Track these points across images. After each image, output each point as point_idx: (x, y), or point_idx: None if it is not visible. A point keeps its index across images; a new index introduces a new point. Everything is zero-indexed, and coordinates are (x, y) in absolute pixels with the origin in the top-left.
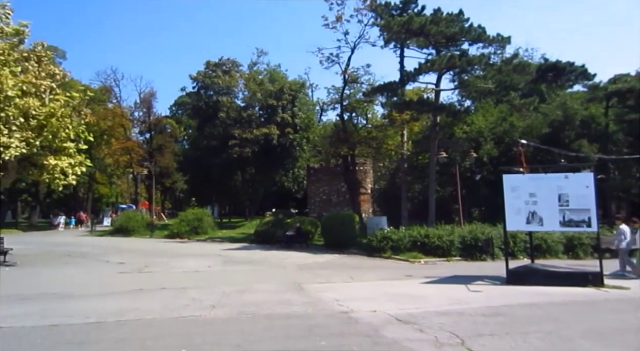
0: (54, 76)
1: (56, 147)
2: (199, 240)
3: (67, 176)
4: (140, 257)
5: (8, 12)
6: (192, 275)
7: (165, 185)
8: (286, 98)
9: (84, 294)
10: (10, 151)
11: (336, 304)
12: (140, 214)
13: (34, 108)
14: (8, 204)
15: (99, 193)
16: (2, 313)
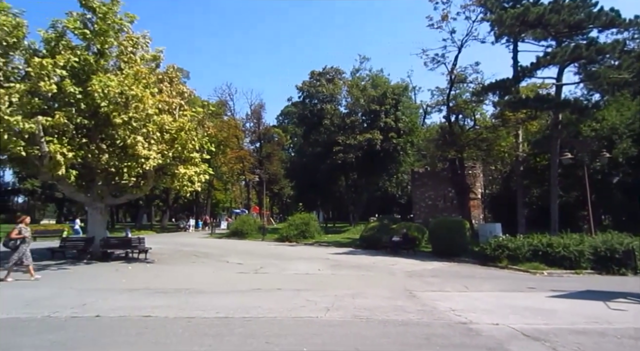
0: (183, 94)
1: (184, 157)
2: (306, 243)
3: (194, 183)
4: (255, 258)
5: (147, 41)
6: (304, 277)
7: (274, 190)
8: (389, 102)
9: (212, 291)
10: (150, 162)
11: (453, 314)
12: (252, 218)
13: (167, 123)
14: (144, 209)
15: (216, 198)
16: (149, 303)
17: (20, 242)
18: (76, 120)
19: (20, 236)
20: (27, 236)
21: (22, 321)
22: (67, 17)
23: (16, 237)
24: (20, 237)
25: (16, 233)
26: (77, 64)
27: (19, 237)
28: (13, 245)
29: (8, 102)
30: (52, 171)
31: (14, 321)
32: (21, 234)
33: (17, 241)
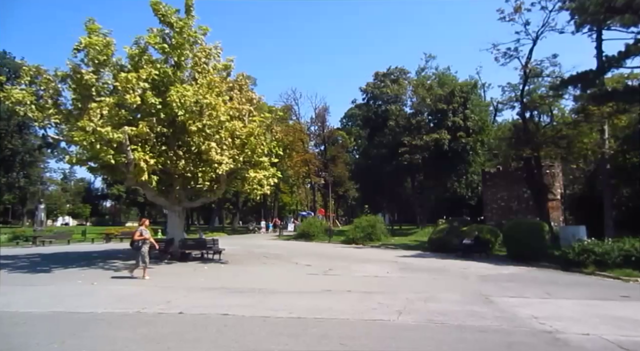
0: (252, 101)
1: (254, 162)
2: (373, 246)
3: (263, 186)
4: (323, 260)
5: (219, 51)
6: (373, 280)
7: (339, 193)
8: (457, 101)
9: (284, 291)
10: (222, 166)
11: (536, 322)
12: (318, 220)
13: (238, 129)
14: (217, 211)
15: (283, 201)
16: (226, 302)
17: (142, 243)
18: (156, 129)
19: (142, 237)
20: (147, 237)
21: (116, 315)
22: (148, 33)
23: (139, 239)
24: (142, 238)
25: (138, 235)
26: (157, 77)
27: (141, 238)
28: (136, 246)
29: (99, 115)
30: (137, 177)
31: (110, 315)
32: (142, 236)
33: (139, 242)
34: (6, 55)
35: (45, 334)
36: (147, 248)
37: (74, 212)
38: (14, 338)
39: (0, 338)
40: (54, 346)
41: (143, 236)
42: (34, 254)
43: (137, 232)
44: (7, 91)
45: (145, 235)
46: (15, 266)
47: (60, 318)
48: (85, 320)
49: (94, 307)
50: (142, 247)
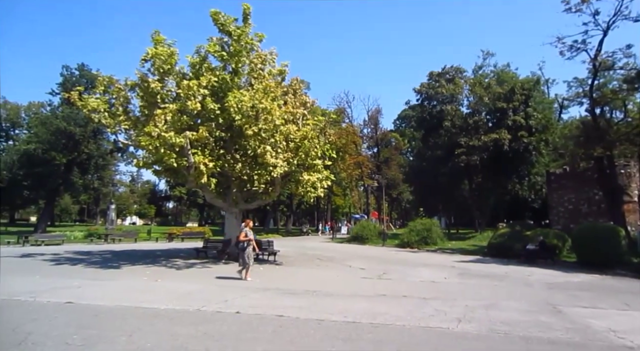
0: (306, 104)
1: (308, 165)
2: (428, 250)
3: (317, 189)
4: (377, 263)
5: (274, 57)
6: (429, 285)
7: (392, 195)
8: (517, 99)
9: (338, 294)
10: (277, 169)
11: (613, 336)
12: (372, 223)
13: (292, 133)
14: (271, 213)
15: (336, 204)
16: (281, 303)
17: (246, 244)
18: (215, 134)
19: (247, 238)
20: (252, 238)
21: (177, 312)
22: (208, 42)
23: (244, 239)
24: (247, 239)
25: (243, 236)
26: (216, 83)
27: (246, 239)
28: (242, 247)
29: (164, 121)
30: (197, 179)
31: (171, 312)
32: (247, 236)
33: (244, 243)
34: (84, 67)
35: (114, 327)
36: (251, 249)
37: (140, 212)
38: (88, 329)
39: (77, 328)
40: (122, 339)
41: (248, 237)
42: (105, 251)
43: (242, 232)
44: (84, 100)
45: (249, 236)
46: (89, 262)
47: (127, 312)
48: (149, 315)
49: (157, 303)
50: (247, 248)
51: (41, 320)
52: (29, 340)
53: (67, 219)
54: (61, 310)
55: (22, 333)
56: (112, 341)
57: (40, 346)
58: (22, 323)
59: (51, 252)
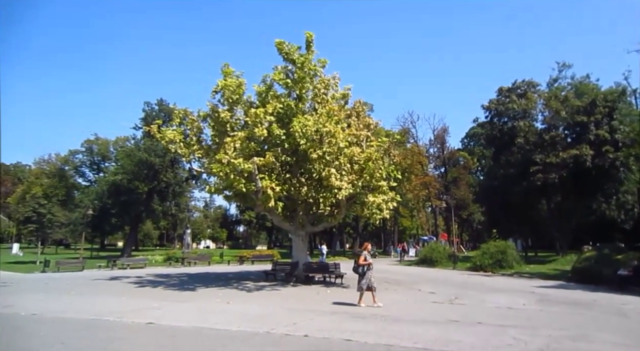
0: (369, 126)
1: (373, 186)
2: (504, 274)
3: (382, 211)
4: (448, 287)
5: (337, 81)
6: (506, 311)
7: (462, 216)
8: (600, 111)
9: (407, 319)
10: (342, 192)
11: None
12: (441, 246)
13: (356, 155)
14: (337, 236)
15: (402, 225)
16: (349, 327)
17: (366, 268)
18: (281, 159)
19: (367, 262)
20: (371, 262)
21: (248, 334)
22: (274, 70)
23: (363, 263)
24: (367, 263)
25: (363, 260)
26: (282, 110)
27: (365, 263)
28: (362, 271)
29: (233, 148)
30: (265, 203)
31: (243, 334)
32: (367, 261)
33: (364, 267)
34: (162, 102)
35: (190, 347)
36: (371, 273)
37: (213, 236)
38: (166, 348)
39: (156, 348)
40: None
41: (367, 261)
42: (182, 274)
43: (361, 256)
44: (162, 132)
45: (369, 260)
46: (168, 284)
47: (202, 333)
48: (222, 336)
49: (230, 325)
50: (367, 272)
51: (126, 339)
52: None
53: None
54: (143, 330)
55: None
56: None
57: None
58: (110, 342)
59: (135, 275)
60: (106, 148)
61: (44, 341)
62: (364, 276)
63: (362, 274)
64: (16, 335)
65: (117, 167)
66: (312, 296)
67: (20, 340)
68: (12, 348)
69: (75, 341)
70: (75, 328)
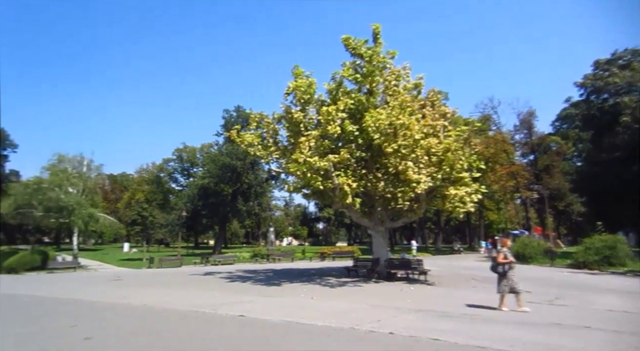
0: (445, 115)
1: (454, 178)
2: (614, 272)
3: (466, 204)
4: (545, 287)
5: (408, 72)
6: (619, 315)
7: (558, 208)
8: None
9: (500, 319)
10: (421, 185)
11: None
12: (535, 240)
13: (433, 146)
14: (418, 231)
15: (489, 219)
16: (436, 326)
17: (508, 268)
18: (356, 155)
19: (507, 261)
20: (513, 260)
21: (333, 329)
22: (342, 67)
23: (503, 262)
24: (507, 262)
25: (502, 258)
26: (353, 106)
27: (506, 262)
28: (501, 270)
29: (308, 147)
30: (342, 200)
31: (327, 329)
32: (507, 259)
33: (504, 266)
34: (240, 108)
35: (278, 340)
36: (514, 273)
37: (294, 233)
38: (256, 340)
39: (248, 339)
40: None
41: (509, 259)
42: (268, 270)
43: (500, 254)
44: (241, 137)
45: (510, 258)
46: (255, 279)
47: (289, 327)
48: (308, 331)
49: (315, 320)
50: (509, 272)
51: (220, 330)
52: (214, 345)
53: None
54: (235, 322)
55: (207, 340)
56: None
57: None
58: (206, 332)
59: (226, 271)
60: (194, 155)
61: (155, 328)
62: (505, 276)
63: (503, 274)
64: (130, 321)
65: (204, 172)
66: (396, 293)
67: (136, 325)
68: (129, 331)
69: (179, 328)
70: (178, 318)
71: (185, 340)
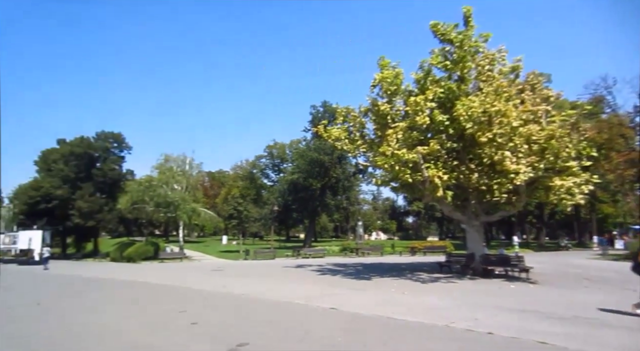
0: (548, 99)
1: (559, 168)
2: None
3: (574, 196)
4: None
5: (503, 55)
6: None
7: None
8: None
9: (617, 324)
10: (520, 176)
11: None
12: None
13: (534, 133)
14: (517, 225)
15: (602, 213)
16: (542, 328)
17: None
18: (446, 145)
19: None
20: None
21: (426, 326)
22: (431, 55)
23: None
24: None
25: None
26: (442, 94)
27: None
28: None
29: (395, 139)
30: (433, 193)
31: (420, 325)
32: None
33: None
34: (326, 103)
35: (370, 334)
36: None
37: (383, 227)
38: (348, 333)
39: (340, 331)
40: (378, 346)
41: None
42: (357, 263)
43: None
44: (328, 131)
45: None
46: (345, 273)
47: (379, 321)
48: (400, 326)
49: (407, 315)
50: None
51: (313, 322)
52: (306, 337)
53: (326, 235)
54: (328, 314)
55: (301, 331)
56: (371, 346)
57: (315, 343)
58: (301, 323)
59: (316, 264)
60: (283, 151)
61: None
62: None
63: None
64: (230, 309)
65: (294, 167)
66: (493, 291)
67: (235, 313)
68: (230, 318)
69: (275, 318)
70: (274, 308)
71: (281, 329)
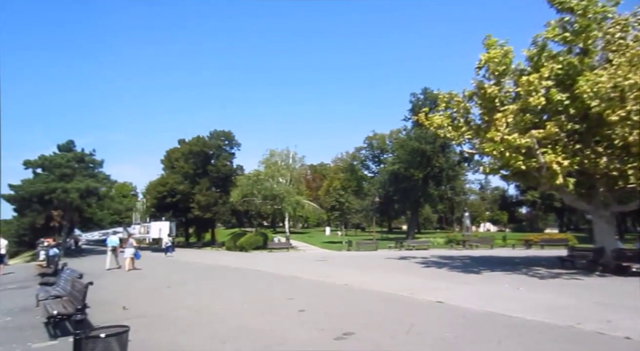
0: None
1: None
2: None
3: None
4: None
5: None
6: None
7: None
8: None
9: None
10: None
11: None
12: None
13: None
14: None
15: None
16: None
17: None
18: (566, 127)
19: None
20: None
21: (545, 325)
22: (546, 28)
23: None
24: None
25: None
26: (561, 70)
27: None
28: None
29: (505, 124)
30: (550, 181)
31: (539, 324)
32: None
33: None
34: (427, 90)
35: (482, 330)
36: None
37: (492, 218)
38: (458, 328)
39: (449, 326)
40: (491, 344)
41: None
42: (464, 256)
43: None
44: (430, 119)
45: None
46: (452, 266)
47: (492, 318)
48: (516, 324)
49: (523, 313)
50: None
51: (419, 315)
52: (412, 330)
53: (429, 227)
54: (434, 308)
55: (406, 324)
56: (482, 344)
57: (422, 336)
58: (406, 316)
59: (420, 256)
60: (383, 142)
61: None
62: None
63: None
64: (335, 299)
65: (394, 158)
66: (631, 291)
67: (340, 303)
68: (335, 308)
69: (380, 310)
70: (377, 300)
71: (386, 321)
